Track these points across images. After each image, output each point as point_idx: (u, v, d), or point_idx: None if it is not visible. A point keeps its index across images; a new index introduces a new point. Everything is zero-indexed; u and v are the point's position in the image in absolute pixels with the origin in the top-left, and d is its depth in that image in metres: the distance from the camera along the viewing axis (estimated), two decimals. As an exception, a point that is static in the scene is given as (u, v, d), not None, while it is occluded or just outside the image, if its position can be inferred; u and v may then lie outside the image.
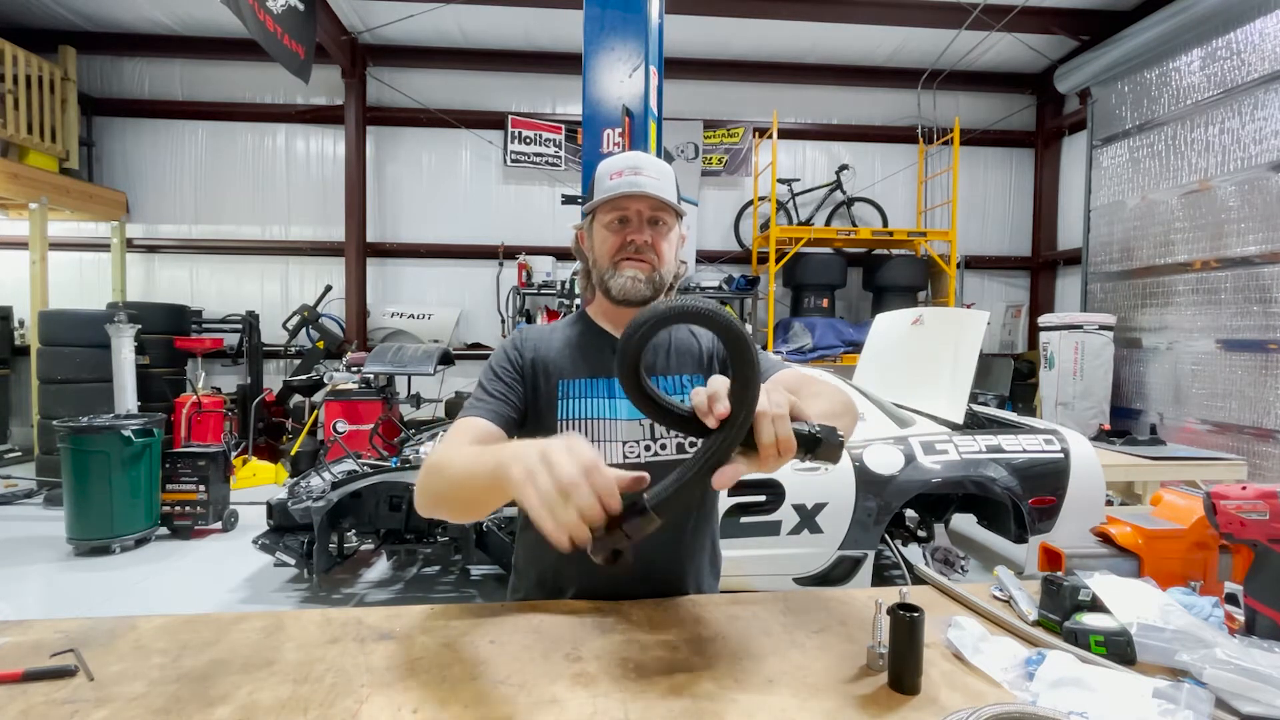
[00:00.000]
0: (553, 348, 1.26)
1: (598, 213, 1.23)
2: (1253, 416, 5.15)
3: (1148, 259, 6.19)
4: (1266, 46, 5.08)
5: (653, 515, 0.77)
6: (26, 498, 5.44)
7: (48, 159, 6.35)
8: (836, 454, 0.85)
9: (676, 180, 1.25)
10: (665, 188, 1.20)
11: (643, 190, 1.17)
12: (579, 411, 1.20)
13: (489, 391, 1.21)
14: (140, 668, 0.92)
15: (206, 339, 6.67)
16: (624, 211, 1.20)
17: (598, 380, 1.21)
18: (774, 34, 7.13)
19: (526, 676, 0.90)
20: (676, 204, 1.21)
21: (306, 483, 3.69)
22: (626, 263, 1.20)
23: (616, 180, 1.19)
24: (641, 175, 1.18)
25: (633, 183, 1.17)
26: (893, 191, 8.13)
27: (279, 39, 4.93)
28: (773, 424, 0.79)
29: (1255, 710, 0.81)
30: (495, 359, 1.26)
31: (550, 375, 1.23)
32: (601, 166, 1.24)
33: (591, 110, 3.55)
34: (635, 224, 1.20)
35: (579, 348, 1.26)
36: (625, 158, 1.22)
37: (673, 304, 0.78)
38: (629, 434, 1.18)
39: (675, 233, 1.25)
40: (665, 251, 1.21)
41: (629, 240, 1.20)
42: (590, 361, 1.24)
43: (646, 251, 1.19)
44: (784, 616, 1.10)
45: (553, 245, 7.53)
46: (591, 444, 1.12)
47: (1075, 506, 3.04)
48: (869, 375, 4.24)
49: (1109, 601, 1.02)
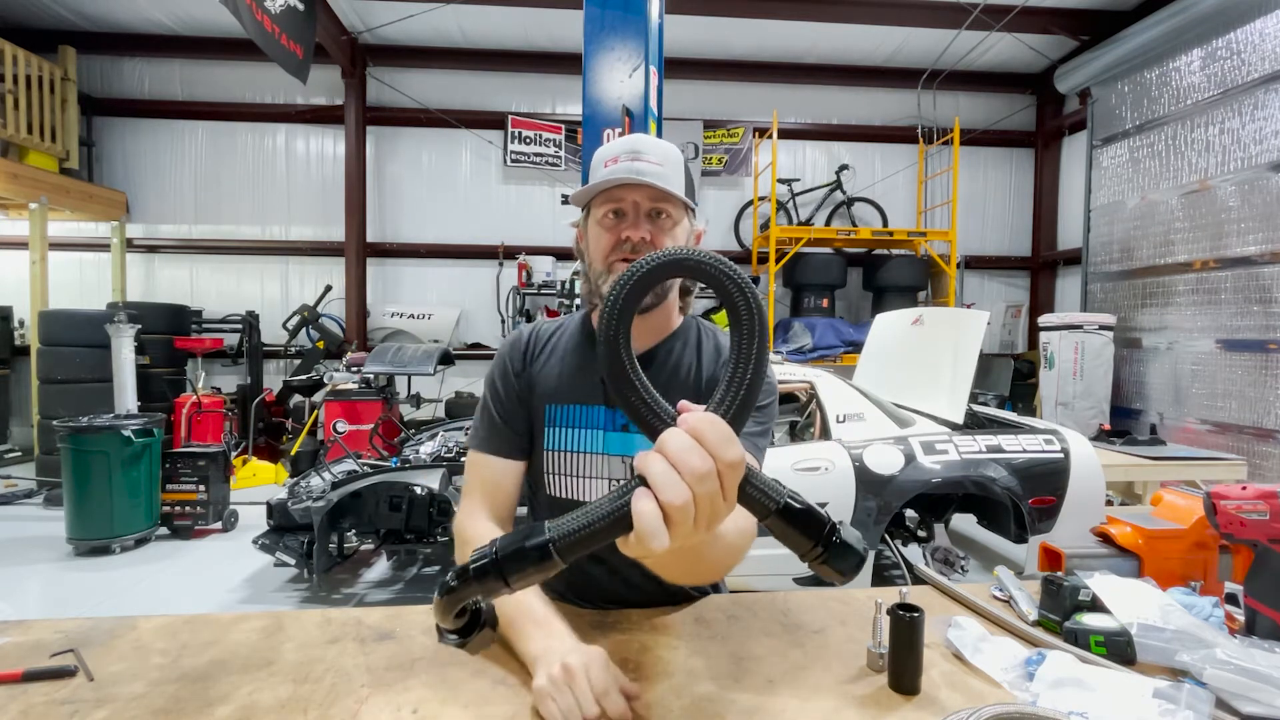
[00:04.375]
0: (547, 363, 1.15)
1: (592, 206, 1.07)
2: (1253, 416, 5.14)
3: (1148, 259, 6.19)
4: (1266, 46, 5.08)
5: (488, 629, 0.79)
6: (26, 498, 5.43)
7: (48, 159, 6.35)
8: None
9: (687, 167, 1.07)
10: (669, 175, 1.02)
11: (639, 179, 0.99)
12: (564, 443, 1.10)
13: (494, 415, 1.13)
14: (140, 668, 0.92)
15: (206, 339, 6.67)
16: (619, 204, 1.03)
17: (587, 408, 1.10)
18: (774, 34, 7.13)
19: (526, 676, 0.90)
20: (682, 194, 1.03)
21: (306, 483, 3.69)
22: (622, 264, 1.02)
23: (612, 167, 1.02)
24: (640, 160, 1.00)
25: (629, 169, 1.00)
26: (893, 191, 8.13)
27: (277, 39, 4.93)
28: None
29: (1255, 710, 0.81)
30: (493, 376, 1.17)
31: (540, 397, 1.13)
32: (598, 153, 1.07)
33: (591, 110, 3.55)
34: (631, 218, 1.02)
35: (572, 366, 1.13)
36: (623, 141, 1.05)
37: (676, 254, 0.62)
38: (615, 471, 1.09)
39: (683, 228, 1.06)
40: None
41: (624, 238, 1.02)
42: (580, 386, 1.11)
43: (645, 250, 1.00)
44: (784, 616, 1.10)
45: (553, 245, 7.53)
46: (580, 479, 1.08)
47: (1075, 506, 3.04)
48: (869, 375, 4.24)
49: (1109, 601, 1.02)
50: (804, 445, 3.10)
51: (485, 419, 1.15)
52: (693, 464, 0.53)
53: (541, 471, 1.13)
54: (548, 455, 1.11)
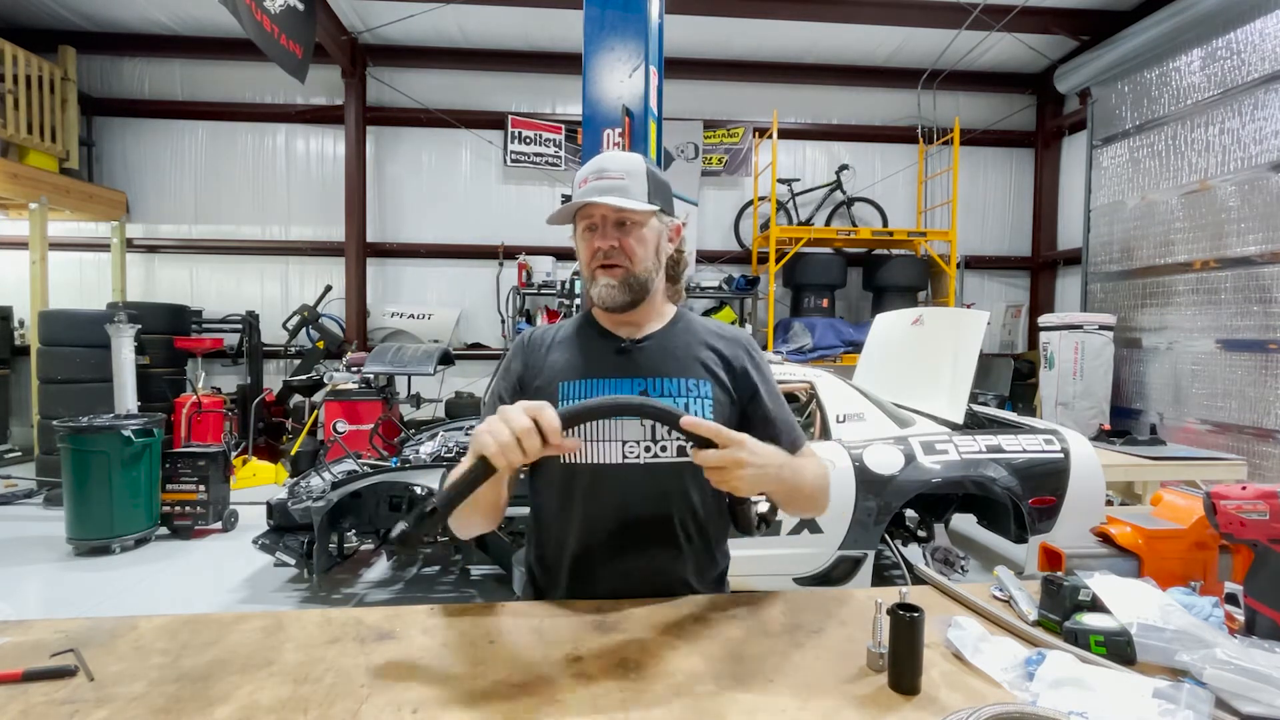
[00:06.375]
0: (554, 352, 1.27)
1: (575, 222, 1.25)
2: (1253, 416, 5.14)
3: (1148, 259, 6.19)
4: (1266, 46, 5.07)
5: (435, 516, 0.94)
6: (26, 498, 5.43)
7: (48, 159, 6.35)
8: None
9: (653, 174, 1.22)
10: (629, 187, 1.18)
11: (598, 201, 1.15)
12: None
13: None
14: (140, 668, 0.92)
15: (206, 339, 6.67)
16: (590, 219, 1.20)
17: (597, 381, 1.21)
18: (774, 34, 7.13)
19: (526, 676, 0.90)
20: (636, 206, 1.17)
21: (306, 483, 3.69)
22: (600, 271, 1.20)
23: (584, 189, 1.20)
24: (604, 178, 1.18)
25: (594, 188, 1.17)
26: (893, 191, 8.12)
27: (276, 39, 4.92)
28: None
29: (1255, 710, 0.81)
30: (502, 375, 1.31)
31: (552, 379, 1.23)
32: (577, 175, 1.25)
33: (591, 110, 3.55)
34: (601, 229, 1.20)
35: (580, 350, 1.26)
36: (594, 163, 1.22)
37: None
38: (630, 434, 1.18)
39: (650, 229, 1.22)
40: (636, 251, 1.19)
41: (597, 248, 1.19)
42: (590, 363, 1.24)
43: (615, 255, 1.18)
44: (784, 616, 1.10)
45: (553, 245, 7.52)
46: (591, 443, 1.17)
47: (1075, 506, 3.04)
48: (869, 375, 4.24)
49: (1109, 601, 1.02)
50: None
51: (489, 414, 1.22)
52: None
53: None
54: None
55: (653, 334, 1.27)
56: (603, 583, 1.19)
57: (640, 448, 1.18)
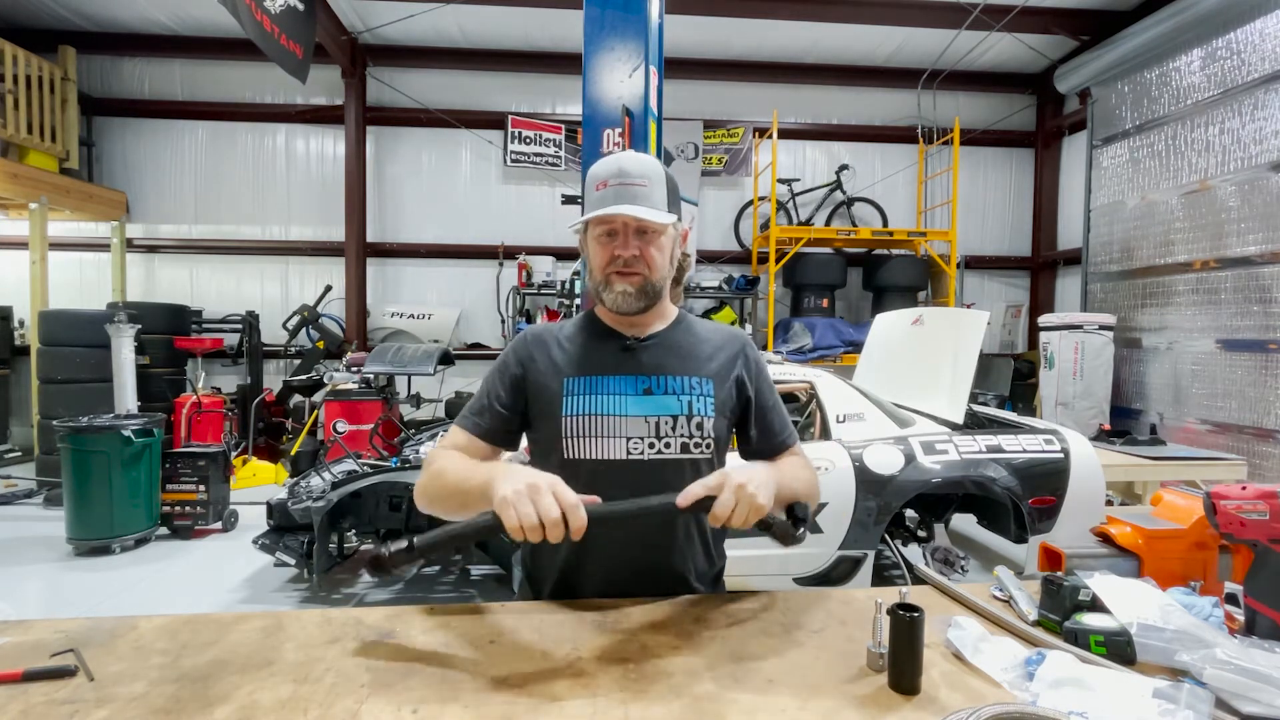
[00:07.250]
0: (558, 348, 1.27)
1: (590, 223, 1.23)
2: (1253, 416, 5.14)
3: (1148, 259, 6.18)
4: (1266, 46, 5.07)
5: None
6: (26, 498, 5.43)
7: (47, 159, 6.35)
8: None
9: (669, 178, 1.22)
10: (653, 194, 1.17)
11: (624, 214, 1.14)
12: (585, 408, 1.19)
13: (487, 404, 1.26)
14: (140, 668, 0.92)
15: (206, 339, 6.67)
16: (611, 225, 1.18)
17: (603, 377, 1.22)
18: (774, 34, 7.13)
19: (526, 676, 0.90)
20: (664, 218, 1.17)
21: (306, 483, 3.69)
22: (616, 277, 1.19)
23: (602, 192, 1.17)
24: (626, 184, 1.16)
25: (618, 195, 1.15)
26: (893, 191, 8.12)
27: (276, 39, 4.92)
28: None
29: (1255, 710, 0.81)
30: (499, 369, 1.29)
31: (556, 374, 1.23)
32: (591, 173, 1.22)
33: (591, 110, 3.55)
34: (622, 237, 1.18)
35: (584, 346, 1.27)
36: (611, 164, 1.19)
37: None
38: (635, 430, 1.18)
39: (668, 236, 1.22)
40: (656, 259, 1.19)
41: (616, 255, 1.18)
42: (595, 360, 1.24)
43: (635, 264, 1.18)
44: (784, 616, 1.10)
45: (553, 245, 7.52)
46: (595, 439, 1.18)
47: (1075, 506, 3.04)
48: (869, 375, 4.24)
49: (1109, 601, 1.02)
50: (804, 445, 3.09)
51: (479, 404, 1.27)
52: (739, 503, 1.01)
53: (558, 437, 1.20)
54: (566, 421, 1.19)
55: (657, 333, 1.28)
56: (601, 579, 1.19)
57: (645, 444, 1.18)
